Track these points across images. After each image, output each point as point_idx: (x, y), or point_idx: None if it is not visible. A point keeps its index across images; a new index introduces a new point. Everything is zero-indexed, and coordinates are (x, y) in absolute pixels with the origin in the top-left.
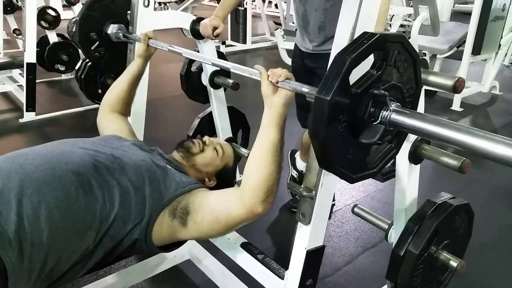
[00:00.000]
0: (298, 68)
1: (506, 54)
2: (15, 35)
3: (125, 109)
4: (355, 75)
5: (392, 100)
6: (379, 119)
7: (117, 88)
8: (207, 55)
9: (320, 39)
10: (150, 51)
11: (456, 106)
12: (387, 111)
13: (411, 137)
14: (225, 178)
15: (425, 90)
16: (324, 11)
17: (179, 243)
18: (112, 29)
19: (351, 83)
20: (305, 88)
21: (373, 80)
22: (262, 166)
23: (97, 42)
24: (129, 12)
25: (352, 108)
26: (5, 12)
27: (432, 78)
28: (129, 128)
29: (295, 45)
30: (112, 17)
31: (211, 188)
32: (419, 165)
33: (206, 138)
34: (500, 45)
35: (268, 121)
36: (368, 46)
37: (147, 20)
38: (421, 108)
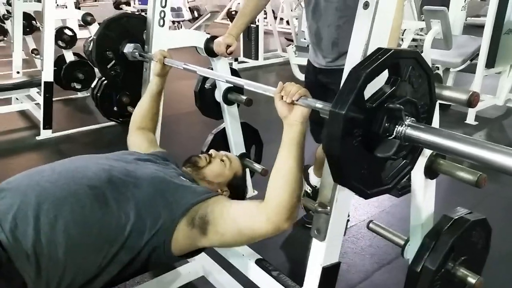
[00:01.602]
0: (311, 83)
1: None
2: (33, 55)
3: (151, 125)
4: (369, 90)
5: (407, 115)
6: (394, 134)
7: (141, 107)
8: (221, 73)
9: (334, 55)
10: (166, 69)
11: (470, 119)
12: (402, 126)
13: (427, 152)
14: (236, 189)
15: (440, 103)
16: (337, 27)
17: (197, 251)
18: (128, 48)
19: (365, 98)
20: (319, 104)
21: (388, 95)
22: (287, 184)
23: (113, 61)
24: (145, 31)
25: (367, 122)
26: (24, 33)
27: (446, 93)
28: (151, 138)
29: (308, 61)
30: (128, 36)
31: None
32: (435, 180)
33: (212, 151)
34: None
35: (289, 140)
36: (383, 62)
37: (163, 39)
38: (435, 122)
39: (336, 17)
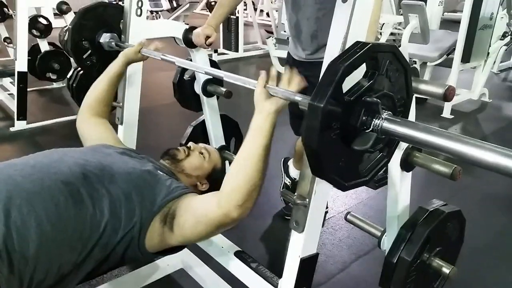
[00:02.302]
0: None
1: (494, 62)
2: (6, 43)
3: (105, 112)
4: (348, 83)
5: (384, 109)
6: (371, 127)
7: (97, 89)
8: (199, 64)
9: (313, 48)
10: (137, 57)
11: (446, 113)
12: (379, 119)
13: (403, 145)
14: (216, 182)
15: (416, 97)
16: (316, 20)
17: (174, 249)
18: (104, 38)
19: (344, 92)
20: (298, 97)
21: (365, 89)
22: (244, 171)
23: (89, 51)
24: (122, 21)
25: (345, 115)
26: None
27: (422, 87)
28: (115, 136)
29: (288, 53)
30: (105, 26)
31: (203, 191)
32: (410, 172)
33: (190, 143)
34: (488, 53)
35: (257, 127)
36: (361, 55)
37: (140, 29)
38: (412, 116)
39: (315, 10)
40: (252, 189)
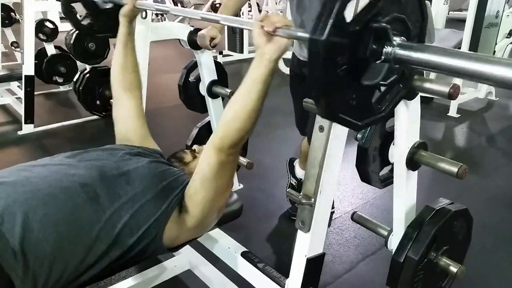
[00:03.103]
0: (296, 76)
1: None
2: (13, 48)
3: (136, 79)
4: (351, 11)
5: (395, 34)
6: (383, 56)
7: (116, 57)
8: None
9: None
10: (134, 12)
11: (453, 112)
12: (390, 47)
13: (408, 143)
14: None
15: (422, 97)
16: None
17: (184, 244)
18: None
19: (347, 21)
20: (300, 33)
21: (373, 14)
22: (238, 121)
23: (86, 13)
24: None
25: (351, 47)
26: (3, 25)
27: (427, 85)
28: (145, 133)
29: (293, 54)
30: None
31: None
32: (416, 171)
33: (195, 146)
34: (495, 51)
35: (256, 76)
36: None
37: (145, 31)
38: (417, 113)
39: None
40: (243, 134)
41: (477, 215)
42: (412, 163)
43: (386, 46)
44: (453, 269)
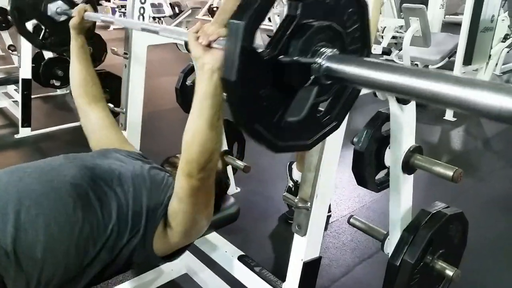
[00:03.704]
0: None
1: (497, 64)
2: (10, 51)
3: (98, 91)
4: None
5: (326, 46)
6: (312, 75)
7: (73, 72)
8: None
9: None
10: (83, 24)
11: (449, 116)
12: (318, 63)
13: (404, 148)
14: (218, 184)
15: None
16: None
17: (180, 252)
18: (51, 10)
19: (260, 50)
20: None
21: (292, 31)
22: (196, 145)
23: (44, 29)
24: None
25: (271, 77)
26: (0, 28)
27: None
28: (120, 136)
29: None
30: None
31: None
32: (412, 175)
33: None
34: (490, 55)
35: (203, 92)
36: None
37: (142, 36)
38: (413, 116)
39: None
40: (208, 155)
41: (473, 218)
42: (408, 167)
43: (314, 63)
44: (449, 272)
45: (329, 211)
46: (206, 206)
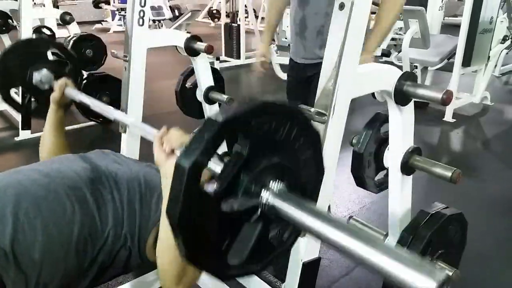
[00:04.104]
0: (293, 81)
1: (496, 65)
2: None
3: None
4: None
5: (274, 180)
6: (259, 212)
7: (45, 141)
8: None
9: (317, 44)
10: (64, 100)
11: (448, 117)
12: (265, 196)
13: (403, 149)
14: None
15: (417, 102)
16: (325, 15)
17: None
18: (36, 79)
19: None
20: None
21: (239, 169)
22: (168, 253)
23: (30, 97)
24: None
25: (219, 213)
26: (0, 31)
27: (421, 91)
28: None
29: (290, 59)
30: (32, 62)
31: None
32: (411, 176)
33: None
34: (489, 56)
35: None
36: (214, 137)
37: (142, 39)
38: (411, 116)
39: (325, 4)
40: (181, 269)
41: (472, 219)
42: (407, 168)
43: (260, 200)
44: (448, 273)
45: (329, 210)
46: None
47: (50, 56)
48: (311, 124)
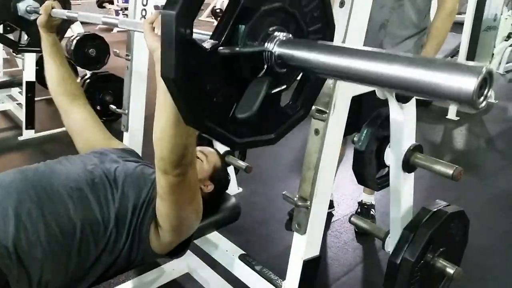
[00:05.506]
0: None
1: (500, 63)
2: (14, 54)
3: (75, 88)
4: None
5: (279, 30)
6: (265, 64)
7: (48, 71)
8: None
9: (379, 38)
10: (52, 22)
11: (452, 115)
12: (270, 48)
13: (404, 147)
14: (219, 181)
15: (421, 100)
16: (391, 9)
17: (184, 248)
18: (21, 10)
19: (204, 46)
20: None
21: (237, 15)
22: (163, 145)
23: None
24: None
25: (221, 69)
26: (5, 31)
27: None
28: (108, 135)
29: None
30: None
31: (210, 193)
32: (412, 173)
33: None
34: (493, 54)
35: (162, 87)
36: None
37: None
38: (412, 113)
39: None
40: (180, 151)
41: (475, 217)
42: (408, 165)
43: (264, 51)
44: (450, 270)
45: (332, 206)
46: (190, 203)
47: None
48: None
